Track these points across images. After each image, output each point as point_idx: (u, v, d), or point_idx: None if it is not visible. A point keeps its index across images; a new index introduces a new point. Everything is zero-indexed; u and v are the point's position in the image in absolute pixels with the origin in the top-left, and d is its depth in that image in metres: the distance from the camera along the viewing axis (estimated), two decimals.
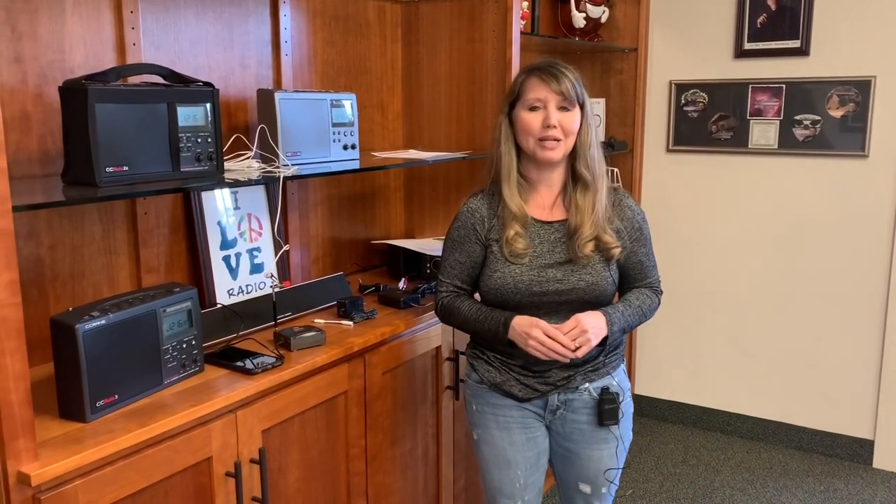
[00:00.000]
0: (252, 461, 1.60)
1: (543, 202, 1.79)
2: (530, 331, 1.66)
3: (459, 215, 1.83)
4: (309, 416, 1.76)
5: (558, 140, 1.70)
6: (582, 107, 1.72)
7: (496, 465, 1.85)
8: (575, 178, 1.76)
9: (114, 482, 1.33)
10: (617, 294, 1.86)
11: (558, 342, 1.64)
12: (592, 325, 1.67)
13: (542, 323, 1.66)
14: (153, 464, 1.40)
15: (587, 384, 1.77)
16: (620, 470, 1.85)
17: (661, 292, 1.88)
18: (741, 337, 3.54)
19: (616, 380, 1.81)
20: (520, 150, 1.77)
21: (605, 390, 1.78)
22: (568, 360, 1.67)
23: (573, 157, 1.75)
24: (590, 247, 1.71)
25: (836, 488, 3.13)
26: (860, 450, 3.34)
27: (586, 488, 1.85)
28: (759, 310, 3.48)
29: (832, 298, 3.32)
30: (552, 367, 1.75)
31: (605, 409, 1.76)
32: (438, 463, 2.26)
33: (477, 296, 1.84)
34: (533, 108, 1.71)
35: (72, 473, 1.27)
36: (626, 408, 1.83)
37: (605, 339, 1.71)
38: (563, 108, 1.70)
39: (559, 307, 1.72)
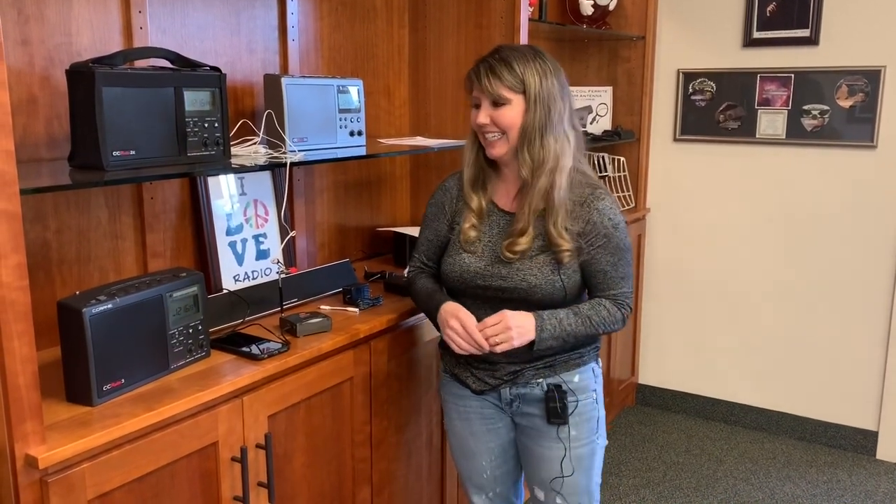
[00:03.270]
0: (258, 446, 1.60)
1: (508, 190, 1.75)
2: (449, 319, 1.65)
3: (435, 193, 1.85)
4: (314, 401, 1.77)
5: (496, 136, 1.65)
6: (526, 94, 1.61)
7: (462, 455, 1.86)
8: None
9: (120, 466, 1.34)
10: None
11: (473, 338, 1.61)
12: (518, 325, 1.60)
13: (463, 314, 1.64)
14: (159, 448, 1.40)
15: (540, 379, 1.72)
16: (581, 481, 1.73)
17: (629, 308, 1.72)
18: (746, 327, 3.54)
19: (576, 378, 1.73)
20: None
21: (555, 388, 1.71)
22: (482, 353, 1.63)
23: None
24: (520, 245, 1.64)
25: (839, 479, 3.13)
26: (864, 441, 3.34)
27: (539, 494, 1.78)
28: (764, 300, 3.48)
29: (838, 289, 3.31)
30: (500, 361, 1.72)
31: (550, 407, 1.70)
32: (443, 450, 2.26)
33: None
34: (476, 105, 1.67)
35: (79, 457, 1.27)
36: (588, 411, 1.74)
37: (533, 343, 1.62)
38: (497, 104, 1.63)
39: (502, 304, 1.67)
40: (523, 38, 2.43)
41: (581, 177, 1.69)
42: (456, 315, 1.65)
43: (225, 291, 1.90)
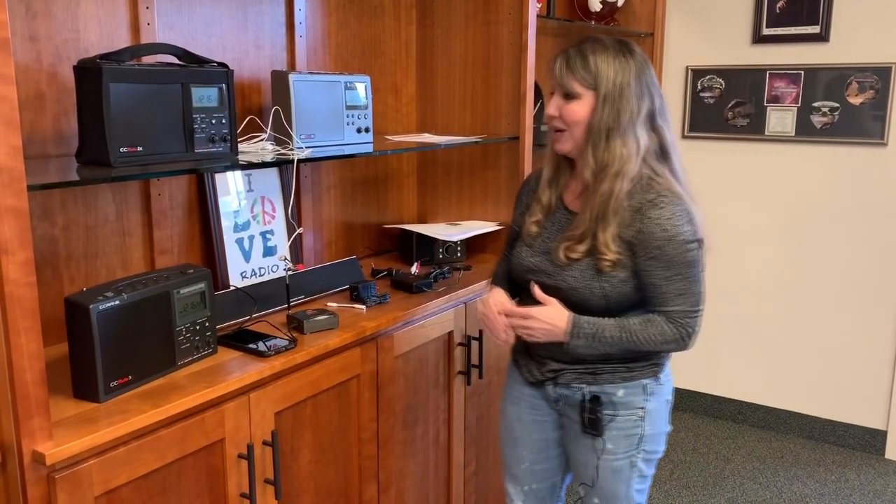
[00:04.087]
0: (265, 443, 1.60)
1: (576, 188, 1.71)
2: (482, 303, 1.73)
3: (522, 184, 1.90)
4: (321, 399, 1.76)
5: (560, 130, 1.63)
6: (597, 91, 1.56)
7: (506, 440, 1.88)
8: None
9: (127, 462, 1.34)
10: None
11: (495, 323, 1.67)
12: (543, 325, 1.60)
13: (494, 300, 1.69)
14: (166, 445, 1.40)
15: (583, 385, 1.69)
16: (625, 492, 1.70)
17: (687, 328, 1.60)
18: (754, 325, 3.52)
19: (620, 392, 1.67)
20: None
21: (594, 397, 1.68)
22: (503, 342, 1.69)
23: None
24: (576, 253, 1.61)
25: (847, 478, 3.11)
26: (872, 440, 3.32)
27: (581, 490, 1.79)
28: (772, 298, 3.46)
29: (847, 288, 3.29)
30: (545, 357, 1.72)
31: (583, 417, 1.68)
32: (449, 447, 2.25)
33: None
34: (552, 94, 1.66)
35: (86, 453, 1.27)
36: (629, 428, 1.68)
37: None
38: (567, 97, 1.60)
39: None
40: (531, 35, 2.42)
41: (648, 182, 1.59)
42: (486, 301, 1.72)
43: (232, 288, 1.90)
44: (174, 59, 1.65)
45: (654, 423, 1.71)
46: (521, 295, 1.76)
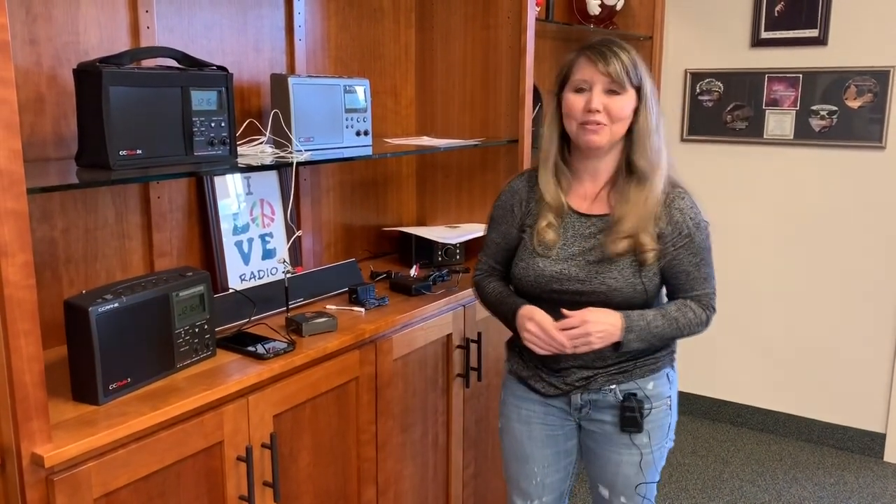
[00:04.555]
0: (263, 446, 1.60)
1: (585, 193, 1.69)
2: (526, 323, 1.61)
3: (501, 194, 1.78)
4: (320, 401, 1.76)
5: (602, 124, 1.58)
6: (639, 90, 1.59)
7: (514, 458, 1.83)
8: (630, 169, 1.63)
9: (126, 465, 1.34)
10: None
11: (553, 339, 1.57)
12: (601, 327, 1.55)
13: (539, 315, 1.59)
14: (165, 447, 1.40)
15: (613, 385, 1.68)
16: (651, 485, 1.75)
17: (713, 309, 1.70)
18: (753, 328, 3.53)
19: (650, 385, 1.69)
20: (567, 136, 1.66)
21: (629, 395, 1.67)
22: (570, 352, 1.60)
23: (629, 145, 1.62)
24: (624, 245, 1.59)
25: (846, 481, 3.11)
26: (871, 443, 3.32)
27: (604, 492, 1.78)
28: (772, 301, 3.46)
29: (846, 291, 3.29)
30: (570, 367, 1.69)
31: (625, 416, 1.67)
32: (448, 450, 2.26)
33: None
34: (579, 90, 1.59)
35: (85, 455, 1.28)
36: (661, 418, 1.72)
37: (619, 344, 1.59)
38: (611, 92, 1.57)
39: (579, 306, 1.60)
40: (530, 38, 2.43)
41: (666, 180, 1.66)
42: (531, 317, 1.60)
43: (231, 291, 1.91)
44: (174, 63, 1.65)
45: (675, 410, 1.76)
46: (536, 304, 1.68)
